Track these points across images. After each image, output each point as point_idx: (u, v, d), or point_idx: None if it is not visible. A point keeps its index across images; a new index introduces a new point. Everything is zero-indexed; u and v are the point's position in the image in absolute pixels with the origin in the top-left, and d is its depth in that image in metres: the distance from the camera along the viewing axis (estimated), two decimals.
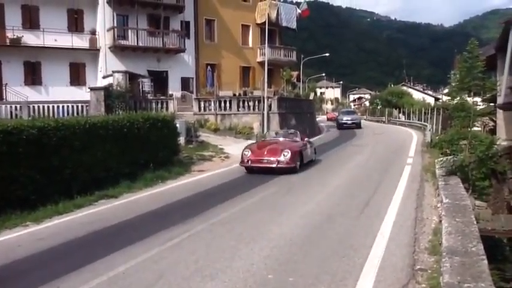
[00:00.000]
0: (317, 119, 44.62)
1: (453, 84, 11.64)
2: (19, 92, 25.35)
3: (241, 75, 34.43)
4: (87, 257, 6.43)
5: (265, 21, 29.08)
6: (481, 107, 12.67)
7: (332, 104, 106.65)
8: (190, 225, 8.07)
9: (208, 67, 31.14)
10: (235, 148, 20.72)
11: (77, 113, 21.19)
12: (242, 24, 34.50)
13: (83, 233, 7.88)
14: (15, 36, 25.46)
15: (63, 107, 21.75)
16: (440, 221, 6.98)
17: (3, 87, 25.33)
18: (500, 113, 16.55)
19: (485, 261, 4.58)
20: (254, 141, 18.75)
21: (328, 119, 59.04)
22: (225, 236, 7.34)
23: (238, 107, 25.62)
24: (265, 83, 25.41)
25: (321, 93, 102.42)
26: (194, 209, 9.33)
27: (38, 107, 21.37)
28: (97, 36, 28.01)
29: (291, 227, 7.74)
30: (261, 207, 9.47)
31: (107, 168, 11.88)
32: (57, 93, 25.90)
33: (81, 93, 25.83)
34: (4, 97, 24.98)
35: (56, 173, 10.25)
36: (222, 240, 7.06)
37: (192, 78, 31.57)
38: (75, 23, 27.82)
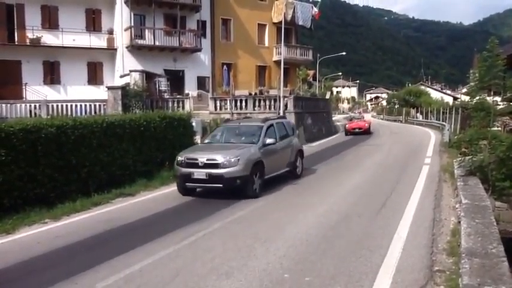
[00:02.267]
0: (333, 118, 44.21)
1: (472, 83, 11.44)
2: (38, 91, 25.77)
3: (257, 74, 34.42)
4: (104, 254, 6.49)
5: (281, 20, 29.00)
6: (501, 106, 12.39)
7: (349, 103, 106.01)
8: (207, 223, 8.09)
9: (225, 66, 31.20)
10: None
11: (95, 112, 21.43)
12: (258, 23, 34.48)
13: (100, 230, 7.96)
14: (34, 36, 25.87)
15: (81, 105, 22.03)
16: (459, 222, 6.86)
17: (23, 86, 25.75)
18: None
19: (506, 263, 4.48)
20: None
21: (348, 130, 32.87)
22: (241, 234, 7.33)
23: (254, 106, 25.59)
24: (281, 82, 25.33)
25: (337, 92, 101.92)
26: (210, 208, 9.35)
27: (57, 105, 21.68)
28: (114, 35, 28.29)
29: (307, 226, 7.70)
30: (277, 206, 9.45)
31: (123, 166, 11.99)
32: (75, 92, 26.32)
33: (99, 92, 26.15)
34: (24, 96, 25.42)
35: (74, 171, 10.38)
36: (238, 239, 7.06)
37: (208, 77, 31.70)
38: (93, 23, 28.16)
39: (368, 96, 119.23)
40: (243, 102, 25.58)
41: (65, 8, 26.79)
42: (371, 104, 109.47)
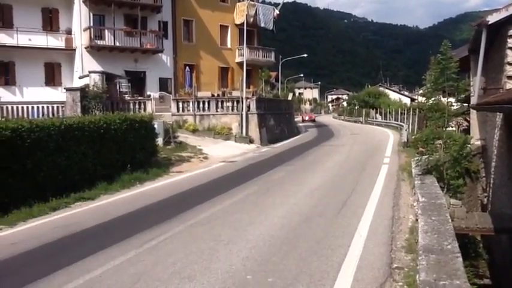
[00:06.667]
0: (295, 119, 44.60)
1: (428, 85, 11.82)
2: None
3: (220, 75, 34.27)
4: (62, 261, 6.30)
5: (243, 22, 29.05)
6: (455, 107, 12.87)
7: (310, 104, 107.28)
8: (169, 226, 8.00)
9: (187, 68, 30.92)
10: (214, 149, 20.67)
11: (52, 114, 20.82)
12: (220, 25, 34.35)
13: (58, 236, 7.73)
14: None
15: (38, 107, 21.36)
16: (417, 220, 7.07)
17: None
18: (473, 113, 16.80)
19: (460, 259, 4.65)
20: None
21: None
22: (204, 237, 7.29)
23: (216, 107, 25.56)
24: (243, 84, 25.38)
25: (299, 93, 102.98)
26: (172, 211, 9.26)
27: (12, 107, 20.92)
28: (73, 36, 27.50)
29: (269, 227, 7.74)
30: (239, 208, 9.45)
31: (83, 170, 11.69)
32: (32, 93, 25.42)
33: (57, 94, 25.36)
34: None
35: (30, 175, 10.02)
36: (200, 242, 7.01)
37: (170, 78, 31.30)
38: (50, 23, 27.25)
39: (329, 98, 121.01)
40: (206, 103, 25.49)
41: (20, 7, 25.78)
42: (332, 105, 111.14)
